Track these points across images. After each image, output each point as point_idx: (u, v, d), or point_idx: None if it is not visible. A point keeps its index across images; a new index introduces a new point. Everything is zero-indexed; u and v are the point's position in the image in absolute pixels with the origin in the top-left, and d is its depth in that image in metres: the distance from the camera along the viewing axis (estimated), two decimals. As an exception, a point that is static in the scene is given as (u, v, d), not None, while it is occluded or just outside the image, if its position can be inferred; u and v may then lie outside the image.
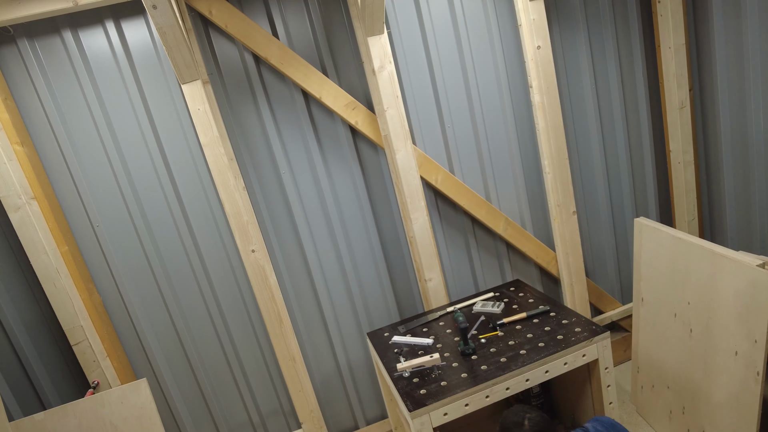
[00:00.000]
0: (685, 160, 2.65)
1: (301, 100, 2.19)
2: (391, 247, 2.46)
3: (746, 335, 1.71)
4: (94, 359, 2.04)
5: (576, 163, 2.60)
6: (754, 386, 1.69)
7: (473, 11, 2.29)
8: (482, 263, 2.57)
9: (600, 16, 2.47)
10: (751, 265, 1.67)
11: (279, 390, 2.44)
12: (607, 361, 1.93)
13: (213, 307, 2.28)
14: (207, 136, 2.02)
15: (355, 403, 2.55)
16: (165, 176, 2.12)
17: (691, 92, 2.60)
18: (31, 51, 1.91)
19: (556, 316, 2.10)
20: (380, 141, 2.27)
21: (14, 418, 1.72)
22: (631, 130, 2.65)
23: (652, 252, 2.19)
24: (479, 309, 2.31)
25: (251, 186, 2.22)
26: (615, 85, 2.55)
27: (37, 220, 1.90)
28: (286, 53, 2.09)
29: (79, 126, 2.01)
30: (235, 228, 2.12)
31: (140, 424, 1.73)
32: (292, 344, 2.29)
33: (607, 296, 2.78)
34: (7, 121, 1.83)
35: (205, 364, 2.33)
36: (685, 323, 2.02)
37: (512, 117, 2.44)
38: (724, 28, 2.36)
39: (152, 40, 2.01)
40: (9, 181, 1.84)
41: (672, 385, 2.14)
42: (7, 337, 1.82)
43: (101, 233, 2.10)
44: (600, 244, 2.74)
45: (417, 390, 1.84)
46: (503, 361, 1.88)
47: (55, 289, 1.96)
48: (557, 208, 2.47)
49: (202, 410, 2.37)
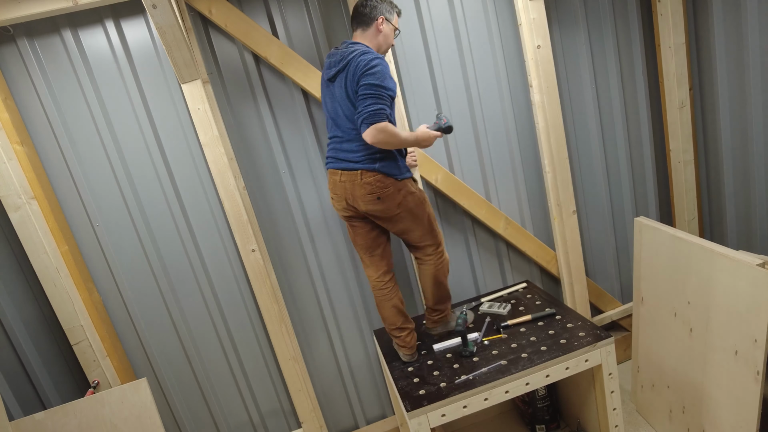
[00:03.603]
0: (685, 160, 2.65)
1: (301, 100, 2.19)
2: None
3: (746, 335, 1.71)
4: (94, 359, 2.04)
5: (576, 162, 2.60)
6: (754, 386, 1.69)
7: (473, 11, 2.29)
8: (482, 263, 2.57)
9: (600, 16, 2.47)
10: (751, 265, 1.67)
11: (279, 390, 2.44)
12: (611, 367, 1.92)
13: (213, 307, 2.28)
14: (207, 136, 2.02)
15: (355, 402, 2.55)
16: (165, 176, 2.12)
17: (691, 92, 2.59)
18: (31, 51, 1.91)
19: (561, 320, 2.09)
20: (380, 141, 2.27)
21: (14, 417, 1.73)
22: (631, 129, 2.65)
23: (652, 251, 2.19)
24: (486, 309, 2.32)
25: (251, 186, 2.22)
26: (615, 85, 2.55)
27: (37, 219, 1.90)
28: (286, 53, 2.09)
29: (79, 125, 2.01)
30: (235, 228, 2.12)
31: (140, 423, 1.73)
32: (292, 344, 2.29)
33: (607, 296, 2.78)
34: (7, 120, 1.84)
35: (205, 364, 2.33)
36: (685, 323, 2.02)
37: (512, 116, 2.44)
38: (724, 27, 2.35)
39: (152, 40, 2.01)
40: (9, 181, 1.85)
41: (672, 385, 2.14)
42: (7, 336, 1.82)
43: (101, 233, 2.10)
44: (600, 244, 2.74)
45: (416, 390, 1.84)
46: (504, 364, 1.87)
47: (55, 289, 1.96)
48: (557, 207, 2.47)
49: (202, 410, 2.37)
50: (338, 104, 1.78)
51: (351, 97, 1.72)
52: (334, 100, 1.80)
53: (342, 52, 1.76)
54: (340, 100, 1.77)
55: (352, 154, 1.79)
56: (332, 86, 1.80)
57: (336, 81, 1.77)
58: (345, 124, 1.78)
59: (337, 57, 1.76)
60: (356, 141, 1.77)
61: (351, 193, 1.81)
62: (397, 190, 1.81)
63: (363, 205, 1.81)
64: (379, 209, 1.82)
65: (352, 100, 1.73)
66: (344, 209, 1.89)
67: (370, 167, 1.76)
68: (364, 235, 1.95)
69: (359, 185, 1.78)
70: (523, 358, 1.88)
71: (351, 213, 1.89)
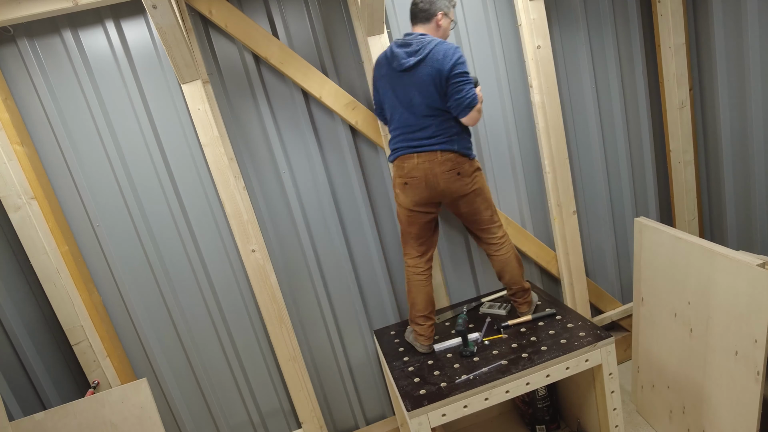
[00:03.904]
0: (685, 160, 2.65)
1: (301, 100, 2.19)
2: (391, 247, 2.46)
3: (746, 335, 1.71)
4: (94, 359, 2.04)
5: (576, 162, 2.60)
6: (754, 386, 1.69)
7: (473, 11, 2.29)
8: (482, 263, 2.57)
9: (600, 16, 2.47)
10: (751, 265, 1.67)
11: (279, 390, 2.44)
12: (611, 367, 1.92)
13: (213, 307, 2.28)
14: (207, 136, 2.02)
15: (355, 402, 2.55)
16: (165, 176, 2.12)
17: (691, 92, 2.60)
18: (31, 51, 1.91)
19: (561, 320, 2.09)
20: (380, 141, 2.27)
21: (14, 417, 1.72)
22: (631, 129, 2.65)
23: (652, 252, 2.19)
24: (486, 310, 2.32)
25: (251, 186, 2.22)
26: (615, 85, 2.55)
27: (37, 220, 1.90)
28: (286, 53, 2.09)
29: (79, 126, 2.01)
30: (235, 228, 2.12)
31: (140, 423, 1.73)
32: (292, 344, 2.29)
33: (607, 296, 2.78)
34: (7, 121, 1.84)
35: (205, 364, 2.33)
36: (685, 323, 2.02)
37: (512, 117, 2.44)
38: (724, 27, 2.35)
39: (152, 40, 2.01)
40: (9, 181, 1.85)
41: (672, 385, 2.14)
42: (7, 337, 1.82)
43: (101, 233, 2.10)
44: (600, 244, 2.74)
45: (417, 390, 1.84)
46: (504, 364, 1.87)
47: (55, 289, 1.96)
48: (557, 207, 2.47)
49: (202, 410, 2.37)
50: (416, 92, 1.85)
51: (436, 85, 1.81)
52: (410, 87, 1.86)
53: (419, 42, 1.83)
54: (420, 87, 1.83)
55: (430, 139, 1.88)
56: (408, 75, 1.85)
57: (416, 69, 1.83)
58: (422, 110, 1.86)
59: (415, 46, 1.83)
60: (433, 126, 1.87)
61: (431, 172, 1.89)
62: (472, 167, 1.94)
63: (443, 183, 1.90)
64: (458, 186, 1.92)
65: (437, 87, 1.82)
66: (419, 193, 1.94)
67: (449, 148, 1.88)
68: (421, 225, 2.03)
69: (439, 163, 1.88)
70: (524, 358, 1.88)
71: (425, 197, 1.94)
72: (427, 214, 2.01)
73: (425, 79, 1.82)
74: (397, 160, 1.96)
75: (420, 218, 2.01)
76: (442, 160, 1.88)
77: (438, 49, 1.80)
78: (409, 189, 1.95)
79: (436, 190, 1.93)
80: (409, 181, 1.93)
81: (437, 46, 1.80)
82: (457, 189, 1.93)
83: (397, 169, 1.97)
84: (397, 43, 1.88)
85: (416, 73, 1.83)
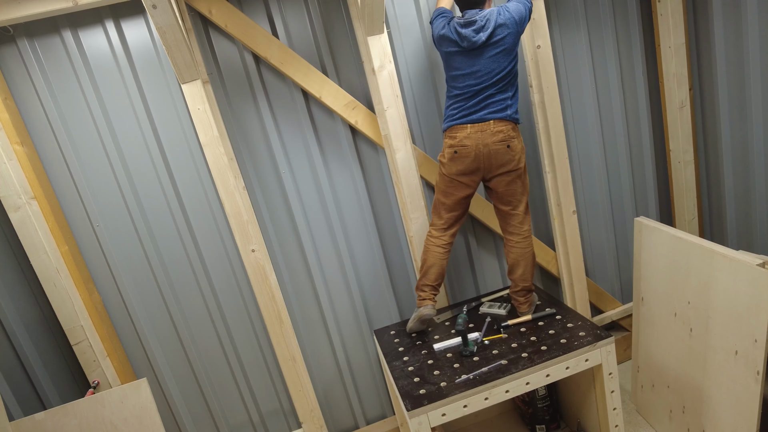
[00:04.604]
0: (685, 160, 2.65)
1: (301, 100, 2.19)
2: (391, 247, 2.46)
3: (746, 335, 1.71)
4: (94, 359, 2.04)
5: (576, 162, 2.60)
6: (754, 386, 1.69)
7: (473, 11, 2.29)
8: (482, 263, 2.57)
9: (600, 16, 2.47)
10: (750, 265, 1.67)
11: (279, 390, 2.45)
12: (611, 366, 1.92)
13: (213, 307, 2.28)
14: (207, 136, 2.02)
15: (355, 402, 2.55)
16: (165, 176, 2.12)
17: (691, 92, 2.60)
18: (31, 51, 1.91)
19: (561, 320, 2.09)
20: (380, 140, 2.27)
21: (14, 417, 1.73)
22: (631, 129, 2.65)
23: (652, 251, 2.19)
24: (486, 310, 2.32)
25: (251, 186, 2.22)
26: (615, 85, 2.55)
27: (37, 220, 1.90)
28: (286, 53, 2.09)
29: (79, 126, 2.01)
30: (235, 228, 2.12)
31: (140, 423, 1.73)
32: (292, 344, 2.29)
33: (607, 296, 2.78)
34: (7, 121, 1.84)
35: (205, 364, 2.33)
36: (685, 323, 2.02)
37: (512, 117, 2.44)
38: (724, 27, 2.36)
39: (152, 40, 2.01)
40: (9, 181, 1.85)
41: (672, 385, 2.14)
42: (7, 337, 1.82)
43: (101, 233, 2.10)
44: (600, 244, 2.74)
45: (417, 389, 1.84)
46: (504, 363, 1.87)
47: (55, 289, 1.96)
48: (557, 207, 2.47)
49: (202, 410, 2.37)
50: (489, 63, 1.91)
51: (508, 48, 1.90)
52: (480, 61, 1.91)
53: (482, 18, 1.90)
54: (491, 58, 1.90)
55: (484, 111, 1.96)
56: (478, 51, 1.91)
57: (490, 41, 1.89)
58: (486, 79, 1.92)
59: (480, 23, 1.89)
60: (490, 97, 1.95)
61: (482, 141, 1.95)
62: (520, 144, 2.01)
63: (493, 153, 1.97)
64: (505, 160, 1.98)
65: (508, 51, 1.90)
66: (466, 163, 1.99)
67: (501, 116, 1.96)
68: (457, 198, 2.08)
69: (490, 133, 1.95)
70: (524, 357, 1.88)
71: (472, 168, 2.00)
72: (467, 187, 2.06)
73: (501, 47, 1.89)
74: (449, 130, 2.03)
75: (458, 190, 2.06)
76: (494, 131, 1.95)
77: (501, 11, 1.89)
78: (458, 158, 2.00)
79: (485, 161, 1.99)
80: (459, 149, 1.99)
81: (499, 11, 1.89)
82: (503, 162, 1.98)
83: (449, 139, 2.02)
84: (459, 24, 1.92)
85: (490, 45, 1.89)
